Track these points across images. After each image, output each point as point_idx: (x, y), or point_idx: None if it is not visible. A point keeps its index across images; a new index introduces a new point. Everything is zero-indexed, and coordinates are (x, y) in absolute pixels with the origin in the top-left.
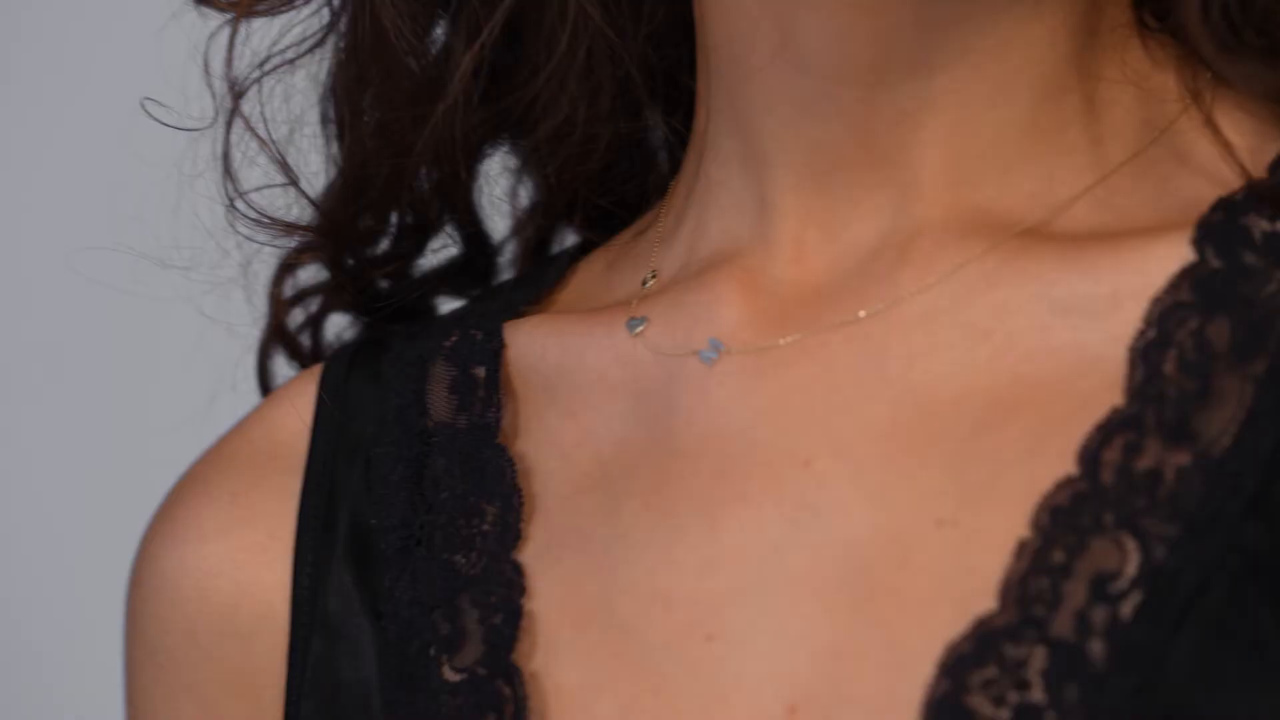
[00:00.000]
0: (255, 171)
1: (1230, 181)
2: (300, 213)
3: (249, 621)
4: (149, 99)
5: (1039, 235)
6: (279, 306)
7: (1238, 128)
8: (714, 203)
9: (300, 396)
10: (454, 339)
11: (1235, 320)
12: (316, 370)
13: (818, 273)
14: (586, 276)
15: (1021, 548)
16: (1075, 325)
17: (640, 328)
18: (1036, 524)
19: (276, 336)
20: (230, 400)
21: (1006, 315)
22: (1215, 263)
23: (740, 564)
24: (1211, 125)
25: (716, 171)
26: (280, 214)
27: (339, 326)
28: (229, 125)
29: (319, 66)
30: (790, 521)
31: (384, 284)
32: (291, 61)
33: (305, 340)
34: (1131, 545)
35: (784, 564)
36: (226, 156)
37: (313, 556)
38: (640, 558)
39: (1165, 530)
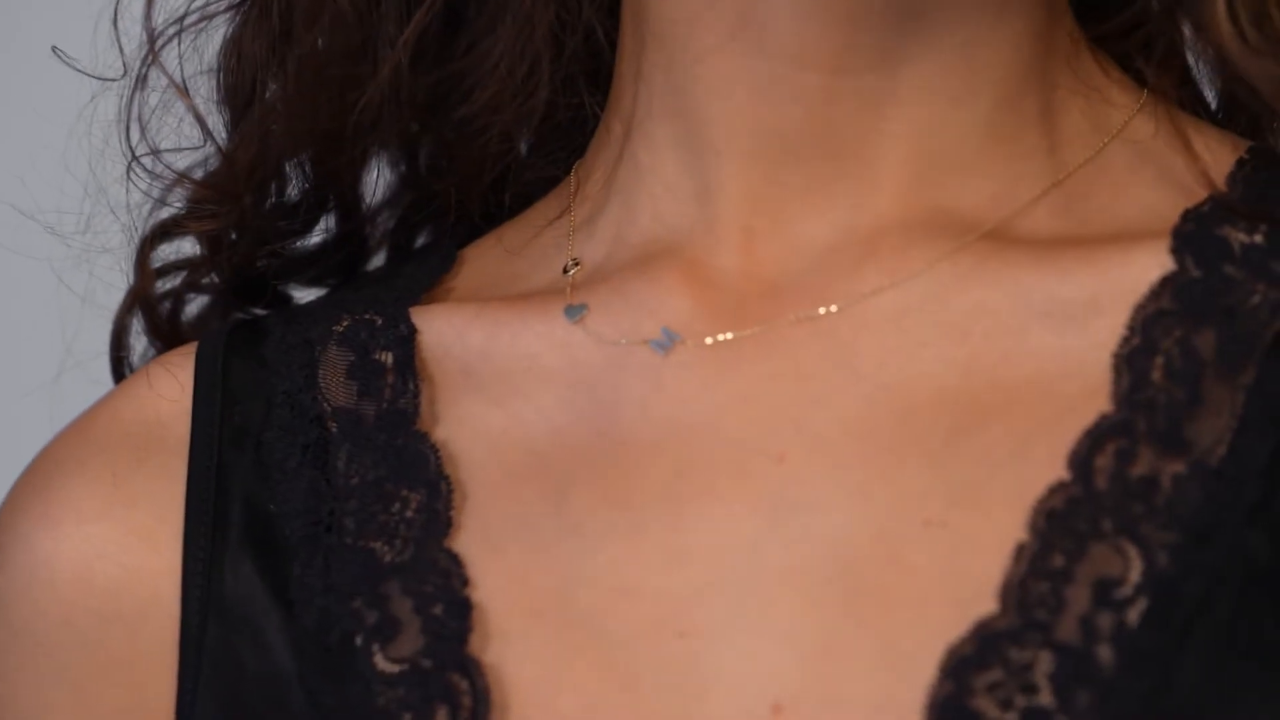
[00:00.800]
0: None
1: (1189, 191)
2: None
3: (134, 606)
4: (57, 49)
5: (1008, 238)
6: (145, 276)
7: (1202, 140)
8: (643, 189)
9: (172, 377)
10: (345, 324)
11: (1220, 331)
12: (188, 351)
13: (768, 264)
14: (482, 265)
15: (1020, 550)
16: (1054, 329)
17: (580, 315)
18: (1033, 527)
19: (141, 309)
20: (74, 374)
21: (983, 316)
22: (1195, 272)
23: (712, 559)
24: (1182, 138)
25: (646, 156)
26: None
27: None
28: (138, 80)
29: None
30: (766, 517)
31: (253, 265)
32: (211, 18)
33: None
34: (1133, 552)
35: (761, 560)
36: (129, 111)
37: (205, 542)
38: (598, 550)
39: (1165, 538)
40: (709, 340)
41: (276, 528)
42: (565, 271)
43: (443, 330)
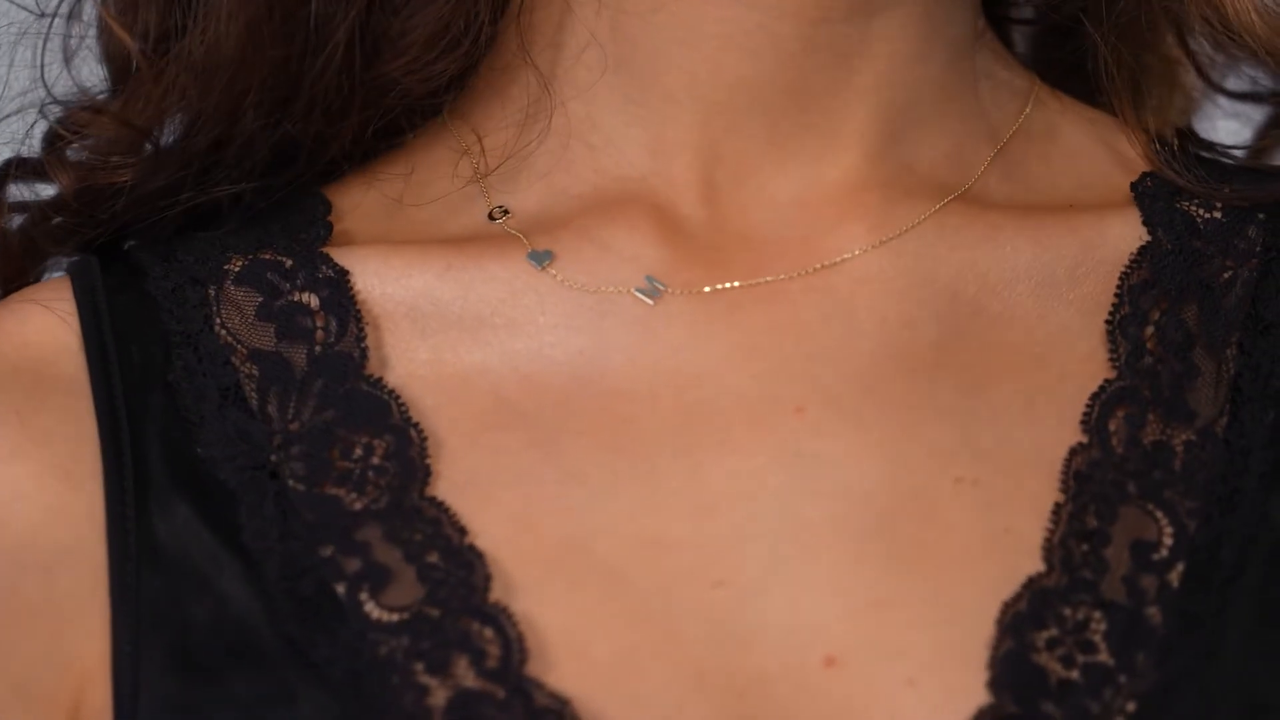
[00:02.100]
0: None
1: (1121, 164)
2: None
3: (52, 550)
4: None
5: (981, 201)
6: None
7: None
8: (578, 140)
9: (49, 313)
10: (240, 264)
11: (1201, 305)
12: (58, 286)
13: (735, 218)
14: (366, 210)
15: (1058, 510)
16: (1039, 293)
17: (547, 261)
18: (1064, 488)
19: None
20: None
21: (973, 278)
22: (1169, 244)
23: (740, 510)
24: (1142, 123)
25: (581, 106)
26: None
27: None
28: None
29: None
30: (790, 469)
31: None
32: None
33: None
34: (1161, 516)
35: (792, 512)
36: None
37: (128, 485)
38: (610, 499)
39: (1189, 504)
40: (707, 289)
41: (208, 472)
42: (491, 218)
43: (379, 272)
